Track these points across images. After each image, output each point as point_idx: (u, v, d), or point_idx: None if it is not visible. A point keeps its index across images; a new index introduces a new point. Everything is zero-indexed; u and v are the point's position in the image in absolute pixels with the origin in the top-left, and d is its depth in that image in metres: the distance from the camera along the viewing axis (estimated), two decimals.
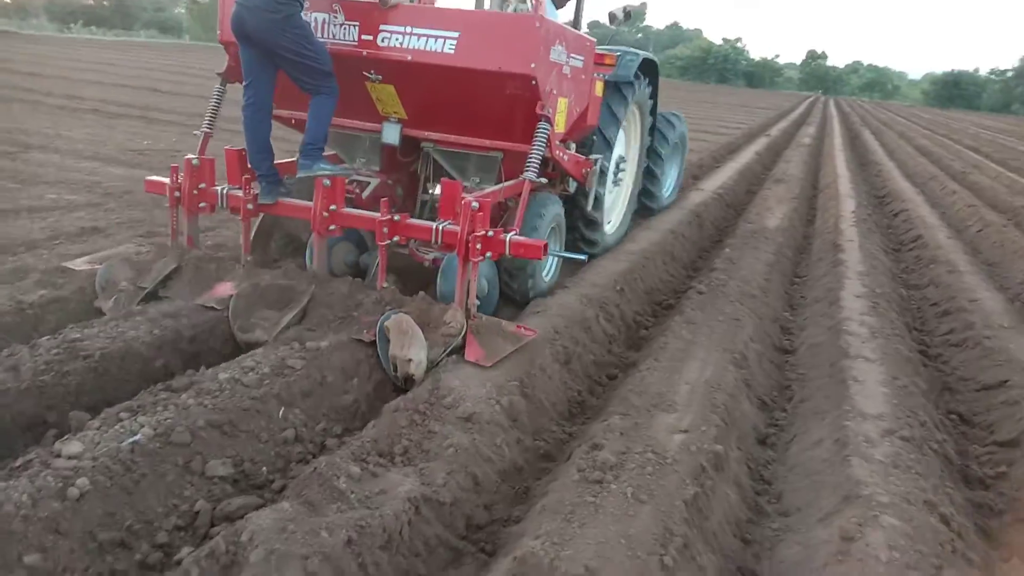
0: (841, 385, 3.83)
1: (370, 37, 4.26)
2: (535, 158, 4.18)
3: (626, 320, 4.92)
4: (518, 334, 3.78)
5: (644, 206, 7.40)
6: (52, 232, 5.33)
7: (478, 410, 3.08)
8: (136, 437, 2.53)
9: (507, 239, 3.83)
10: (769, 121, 25.96)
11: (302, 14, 4.09)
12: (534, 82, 4.04)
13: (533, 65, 4.00)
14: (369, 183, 4.90)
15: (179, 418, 2.69)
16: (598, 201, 5.58)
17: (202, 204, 4.48)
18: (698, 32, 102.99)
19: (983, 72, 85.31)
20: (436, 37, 4.12)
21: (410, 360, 3.41)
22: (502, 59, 4.04)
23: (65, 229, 5.43)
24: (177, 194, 4.44)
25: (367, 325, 3.66)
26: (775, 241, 7.16)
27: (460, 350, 3.59)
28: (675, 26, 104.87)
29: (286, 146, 5.83)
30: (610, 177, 5.90)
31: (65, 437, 2.58)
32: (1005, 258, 7.36)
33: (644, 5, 6.72)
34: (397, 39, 4.20)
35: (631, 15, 6.29)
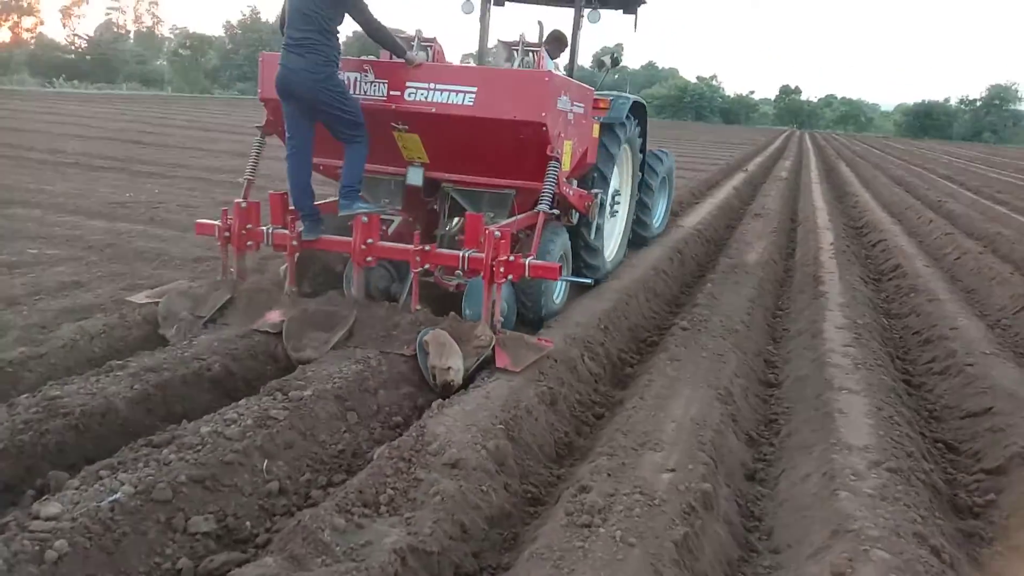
0: (827, 418, 3.84)
1: (398, 92, 4.73)
2: (548, 193, 4.61)
3: (611, 358, 4.93)
4: (539, 344, 4.27)
5: (638, 235, 7.75)
6: (33, 287, 5.28)
7: (464, 456, 3.05)
8: (116, 495, 2.49)
9: (527, 262, 4.29)
10: (746, 156, 26.34)
11: (337, 73, 4.53)
12: (545, 128, 4.49)
13: (544, 114, 4.46)
14: (392, 221, 5.41)
15: (160, 474, 2.66)
16: (598, 230, 5.97)
17: (249, 242, 4.93)
18: (674, 71, 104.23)
19: (953, 102, 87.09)
20: (457, 91, 4.59)
21: (449, 368, 3.86)
22: (516, 109, 4.51)
23: (46, 284, 5.39)
24: (227, 234, 4.88)
25: (406, 342, 4.12)
26: (756, 275, 7.22)
27: (490, 360, 4.02)
28: (651, 66, 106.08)
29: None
30: (607, 209, 6.28)
31: (44, 498, 2.54)
32: (983, 284, 7.46)
33: (620, 47, 6.98)
34: (422, 94, 4.67)
35: (618, 61, 6.79)
